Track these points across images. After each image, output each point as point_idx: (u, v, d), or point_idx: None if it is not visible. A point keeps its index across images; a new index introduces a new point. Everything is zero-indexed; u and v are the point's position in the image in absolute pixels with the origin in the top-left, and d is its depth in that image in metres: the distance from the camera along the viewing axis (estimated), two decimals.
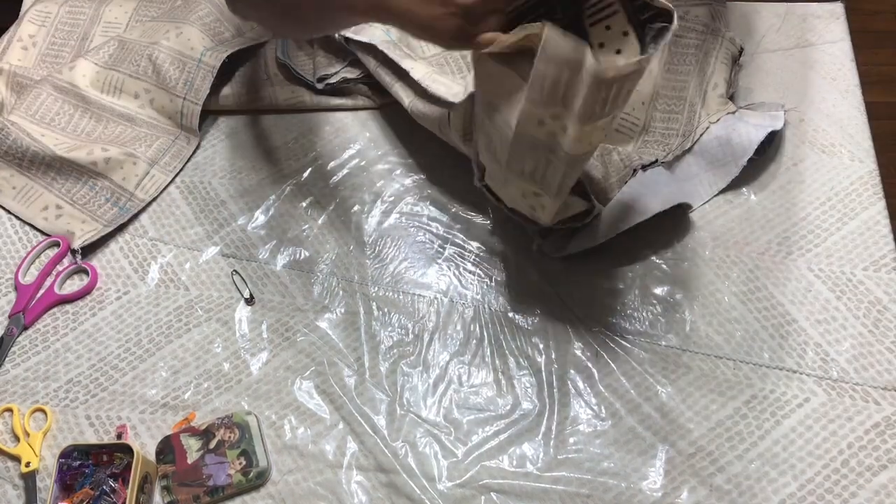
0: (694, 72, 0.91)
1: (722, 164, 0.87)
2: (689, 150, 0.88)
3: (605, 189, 0.85)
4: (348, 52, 0.95)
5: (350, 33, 0.92)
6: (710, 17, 0.93)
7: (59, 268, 0.89)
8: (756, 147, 0.85)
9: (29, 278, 0.88)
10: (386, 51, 0.89)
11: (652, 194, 0.85)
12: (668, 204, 0.83)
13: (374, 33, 0.92)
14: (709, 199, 0.87)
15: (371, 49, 0.91)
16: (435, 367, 0.80)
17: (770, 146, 0.89)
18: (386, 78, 0.91)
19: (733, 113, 0.88)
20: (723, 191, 0.88)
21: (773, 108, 0.89)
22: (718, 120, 0.88)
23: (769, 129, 0.86)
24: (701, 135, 0.88)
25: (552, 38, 0.57)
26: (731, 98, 0.92)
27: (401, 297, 0.85)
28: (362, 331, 0.82)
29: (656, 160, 0.86)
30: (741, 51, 0.93)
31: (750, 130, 0.86)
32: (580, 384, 0.78)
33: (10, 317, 0.85)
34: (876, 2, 1.95)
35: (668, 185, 0.86)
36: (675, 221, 0.86)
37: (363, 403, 0.78)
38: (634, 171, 0.85)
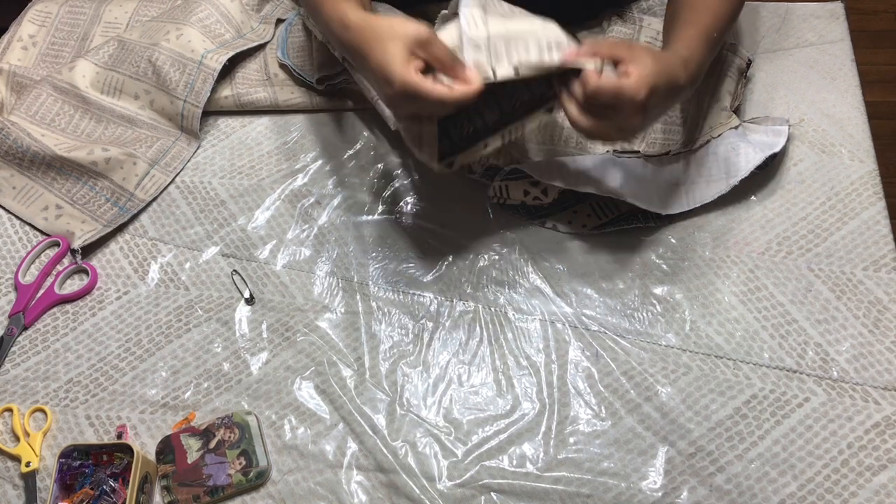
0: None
1: (714, 181, 0.85)
2: (684, 156, 0.87)
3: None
4: None
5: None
6: None
7: (59, 268, 0.89)
8: (752, 170, 0.84)
9: (29, 278, 0.88)
10: None
11: (627, 181, 0.84)
12: (640, 202, 0.82)
13: None
14: (687, 211, 0.86)
15: None
16: (435, 367, 0.80)
17: (772, 163, 0.88)
18: (372, 91, 0.91)
19: (736, 128, 0.87)
20: None
21: (779, 122, 0.88)
22: (720, 135, 0.86)
23: (769, 152, 0.84)
24: (700, 146, 0.87)
25: None
26: (736, 111, 0.90)
27: (401, 297, 0.85)
28: (362, 331, 0.83)
29: (637, 151, 0.86)
30: (749, 63, 0.90)
31: (749, 151, 0.84)
32: (580, 384, 0.78)
33: (10, 317, 0.85)
34: (876, 2, 1.96)
35: (648, 182, 0.85)
36: (674, 221, 0.86)
37: (363, 403, 0.78)
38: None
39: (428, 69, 0.68)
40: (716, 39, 0.77)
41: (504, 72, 0.68)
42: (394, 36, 0.67)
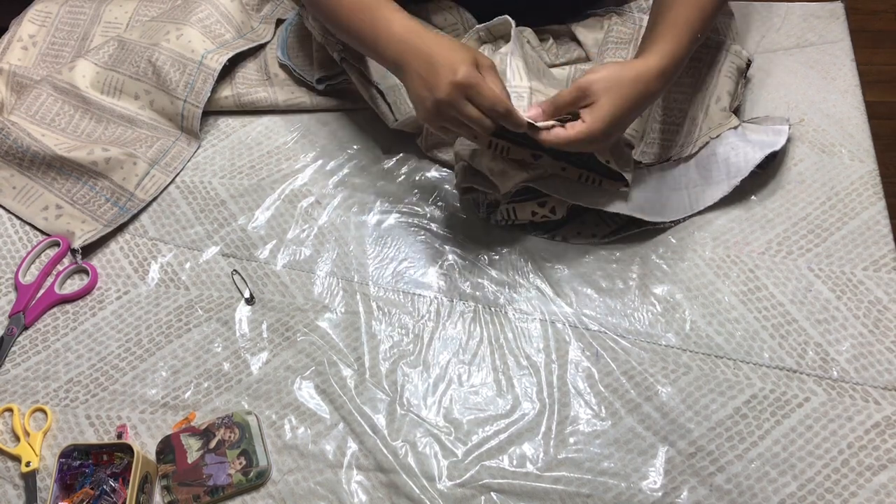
0: (696, 84, 0.89)
1: (715, 182, 0.86)
2: (686, 160, 0.87)
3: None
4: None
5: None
6: (714, 29, 0.91)
7: (60, 268, 0.89)
8: (752, 169, 0.84)
9: (29, 278, 0.88)
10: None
11: (634, 191, 0.84)
12: (648, 215, 0.83)
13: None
14: (692, 215, 0.86)
15: (357, 64, 0.92)
16: (435, 367, 0.80)
17: (772, 162, 0.88)
18: (370, 91, 0.92)
19: (735, 128, 0.87)
20: None
21: (778, 122, 0.87)
22: (719, 135, 0.86)
23: (769, 150, 0.84)
24: (700, 148, 0.87)
25: None
26: (736, 111, 0.90)
27: (401, 297, 0.85)
28: (362, 331, 0.83)
29: (640, 162, 0.86)
30: (748, 63, 0.90)
31: (748, 151, 0.84)
32: (580, 384, 0.78)
33: (10, 316, 0.85)
34: (876, 2, 1.96)
35: (651, 191, 0.85)
36: (674, 221, 0.86)
37: (363, 403, 0.78)
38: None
39: None
40: (698, 31, 0.77)
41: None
42: (463, 47, 0.73)
